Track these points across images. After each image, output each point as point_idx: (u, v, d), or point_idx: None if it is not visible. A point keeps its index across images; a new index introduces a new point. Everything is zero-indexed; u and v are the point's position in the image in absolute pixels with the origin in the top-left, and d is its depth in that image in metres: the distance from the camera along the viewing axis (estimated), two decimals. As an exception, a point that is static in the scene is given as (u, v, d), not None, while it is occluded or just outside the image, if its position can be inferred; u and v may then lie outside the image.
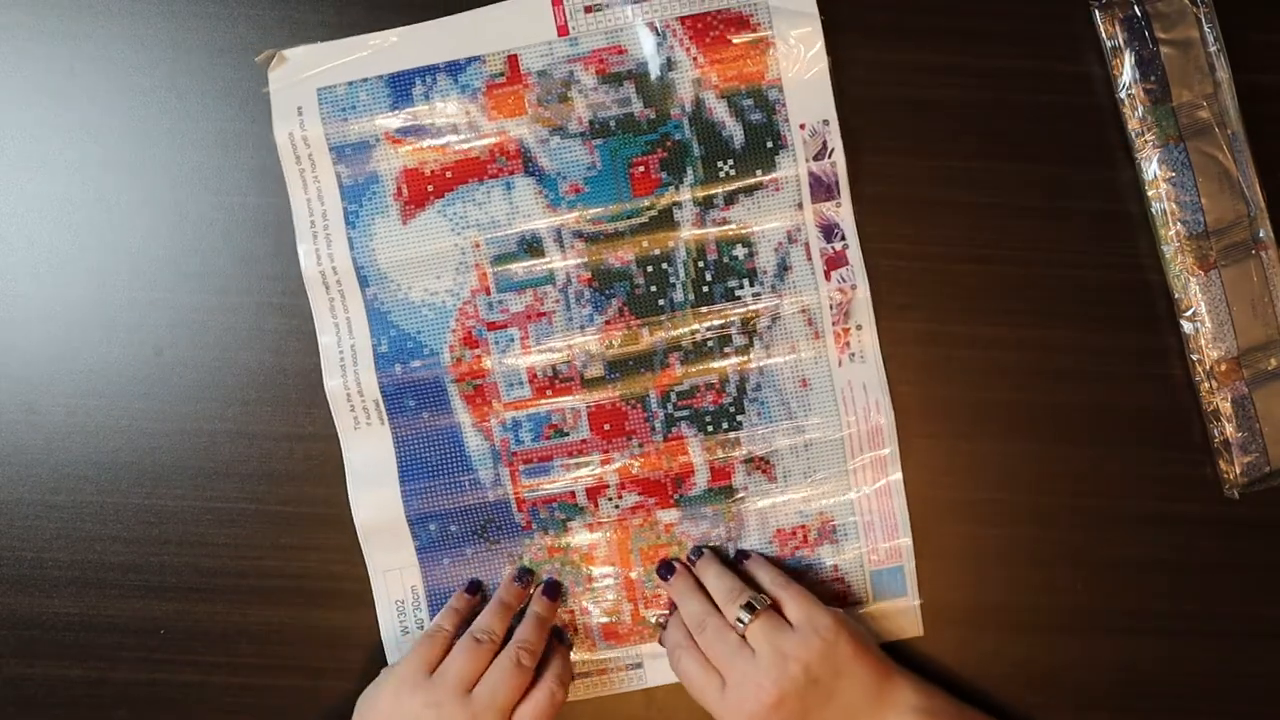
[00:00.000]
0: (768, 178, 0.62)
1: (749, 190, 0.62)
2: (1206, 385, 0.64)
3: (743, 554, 0.63)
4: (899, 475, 0.63)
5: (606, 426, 0.63)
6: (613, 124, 0.62)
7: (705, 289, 0.63)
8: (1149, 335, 0.65)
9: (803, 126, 0.62)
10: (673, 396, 0.63)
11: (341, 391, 0.63)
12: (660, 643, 0.63)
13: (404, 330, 0.63)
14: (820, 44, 0.62)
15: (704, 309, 0.63)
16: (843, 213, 0.63)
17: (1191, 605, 0.65)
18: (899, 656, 0.62)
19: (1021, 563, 0.65)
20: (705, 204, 0.62)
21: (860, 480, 0.63)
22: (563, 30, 0.62)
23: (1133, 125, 0.63)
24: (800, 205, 0.62)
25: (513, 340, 0.63)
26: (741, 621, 0.58)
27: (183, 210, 0.63)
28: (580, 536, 0.64)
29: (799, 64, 0.62)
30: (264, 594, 0.64)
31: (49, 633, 0.64)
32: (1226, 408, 0.63)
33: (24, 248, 0.64)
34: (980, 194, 0.64)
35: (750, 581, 0.61)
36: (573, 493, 0.63)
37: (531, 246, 0.63)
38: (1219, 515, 0.65)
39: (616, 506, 0.63)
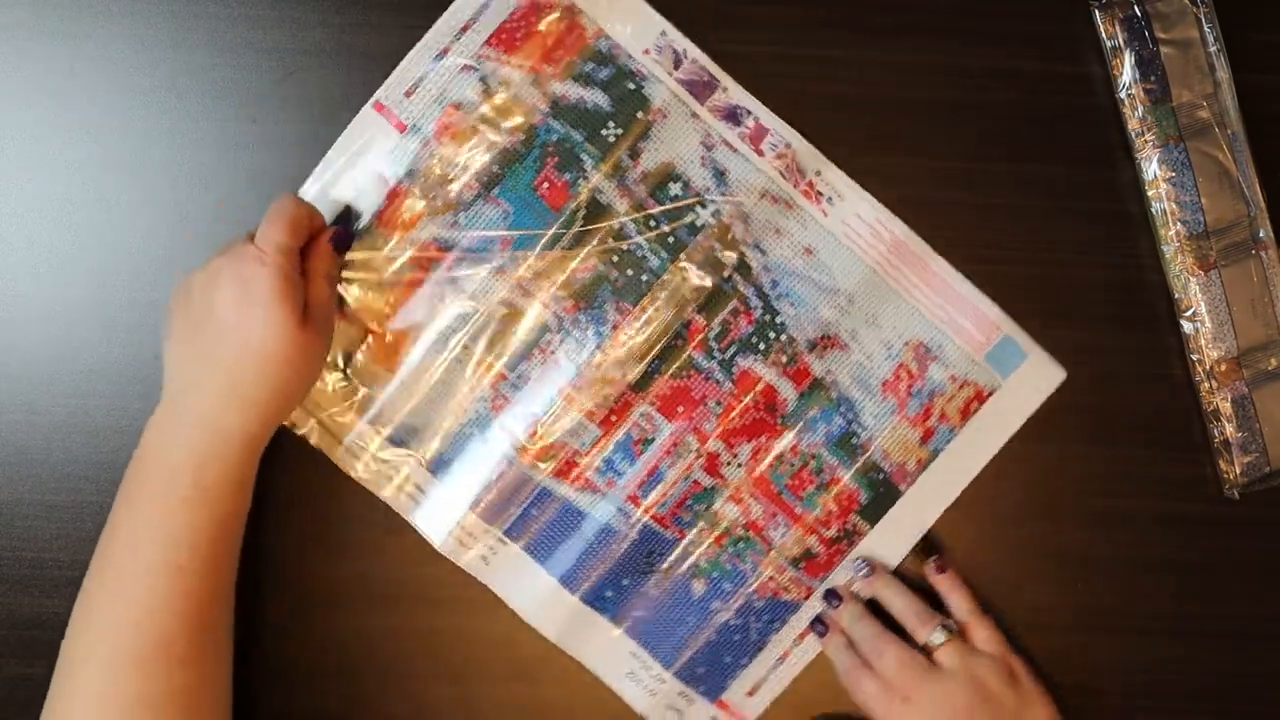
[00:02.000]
0: (650, 113, 0.62)
1: (643, 134, 0.62)
2: (1206, 385, 0.64)
3: (939, 565, 0.63)
4: (941, 260, 0.63)
5: (680, 409, 0.63)
6: (496, 168, 0.62)
7: (671, 239, 0.62)
8: (1149, 335, 0.65)
9: (646, 51, 0.62)
10: (712, 343, 0.63)
11: (456, 546, 0.63)
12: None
13: (464, 461, 0.63)
14: None
15: (682, 256, 0.62)
16: (733, 92, 0.62)
17: (1191, 605, 0.65)
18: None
19: (1022, 562, 0.64)
20: (617, 173, 0.62)
21: (914, 290, 0.63)
22: (400, 126, 0.62)
23: (1133, 125, 0.63)
24: (694, 114, 0.62)
25: (553, 401, 0.63)
26: (936, 642, 0.60)
27: (183, 210, 0.63)
28: (729, 511, 0.64)
29: (613, 12, 0.62)
30: (264, 594, 0.64)
31: (49, 633, 0.64)
32: (1226, 408, 0.63)
33: (24, 248, 0.64)
34: (980, 194, 0.64)
35: (933, 601, 0.62)
36: (695, 481, 0.63)
37: (507, 313, 0.63)
38: (1219, 515, 0.65)
39: (739, 465, 0.63)
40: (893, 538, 0.64)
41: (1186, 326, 0.64)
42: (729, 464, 0.63)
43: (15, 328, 0.64)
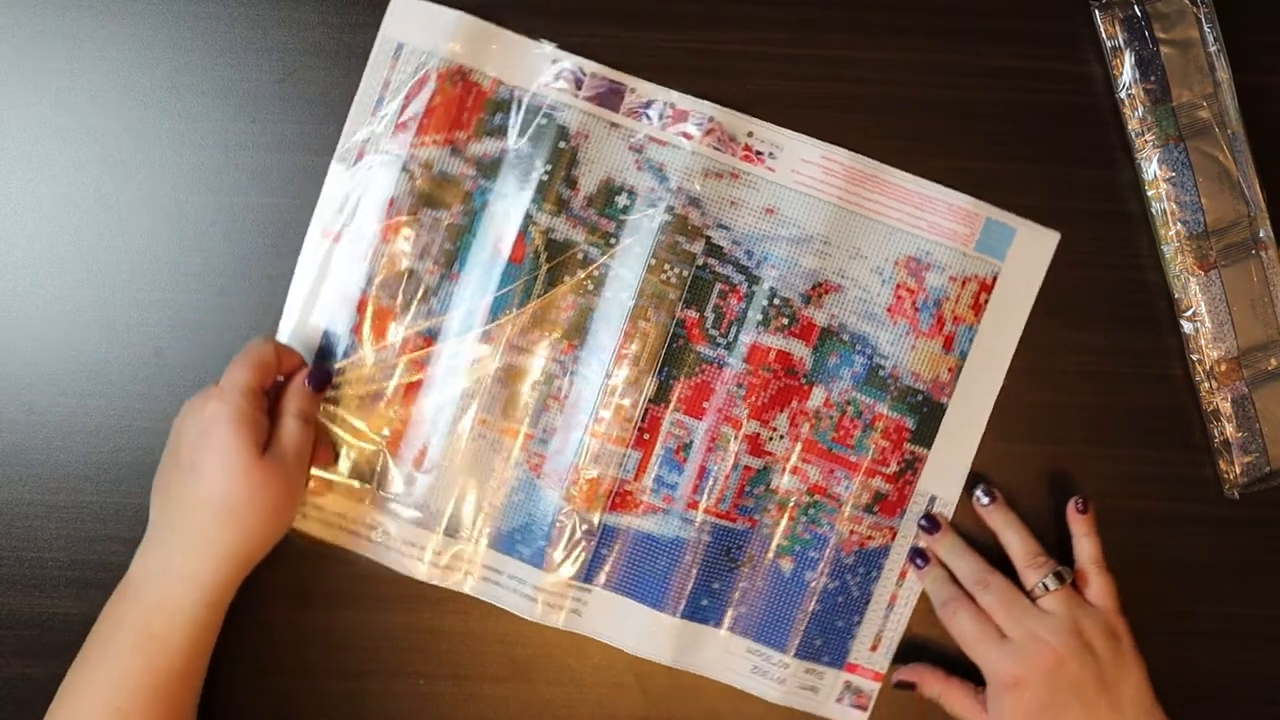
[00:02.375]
0: (572, 139, 0.62)
1: (572, 161, 0.62)
2: (1206, 385, 0.64)
3: (1081, 505, 0.62)
4: (897, 171, 0.63)
5: (705, 404, 0.63)
6: (449, 245, 0.62)
7: (636, 249, 0.62)
8: (1149, 335, 0.65)
9: (546, 83, 0.62)
10: (711, 331, 0.63)
11: (546, 610, 0.63)
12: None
13: (524, 529, 0.63)
14: (464, 23, 0.61)
15: (653, 260, 0.62)
16: (641, 91, 0.62)
17: (1191, 605, 0.65)
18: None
19: (1021, 563, 0.65)
20: (562, 207, 0.62)
21: (884, 209, 0.63)
22: (342, 239, 0.62)
23: (1133, 125, 0.63)
24: (612, 124, 0.62)
25: (582, 442, 0.63)
26: (1044, 587, 0.59)
27: (183, 210, 0.63)
28: (788, 483, 0.64)
29: (500, 58, 0.62)
30: (263, 594, 0.64)
31: (49, 633, 0.64)
32: (1226, 408, 0.63)
33: (24, 247, 0.64)
34: (981, 194, 0.64)
35: (1046, 541, 0.61)
36: (746, 467, 0.63)
37: (510, 375, 0.63)
38: (1219, 515, 0.65)
39: (781, 436, 0.63)
40: (952, 452, 0.64)
41: (1186, 326, 0.64)
42: (771, 439, 0.63)
43: (15, 328, 0.64)
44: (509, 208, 0.62)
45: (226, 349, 0.63)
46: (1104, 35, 0.63)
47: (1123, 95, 0.63)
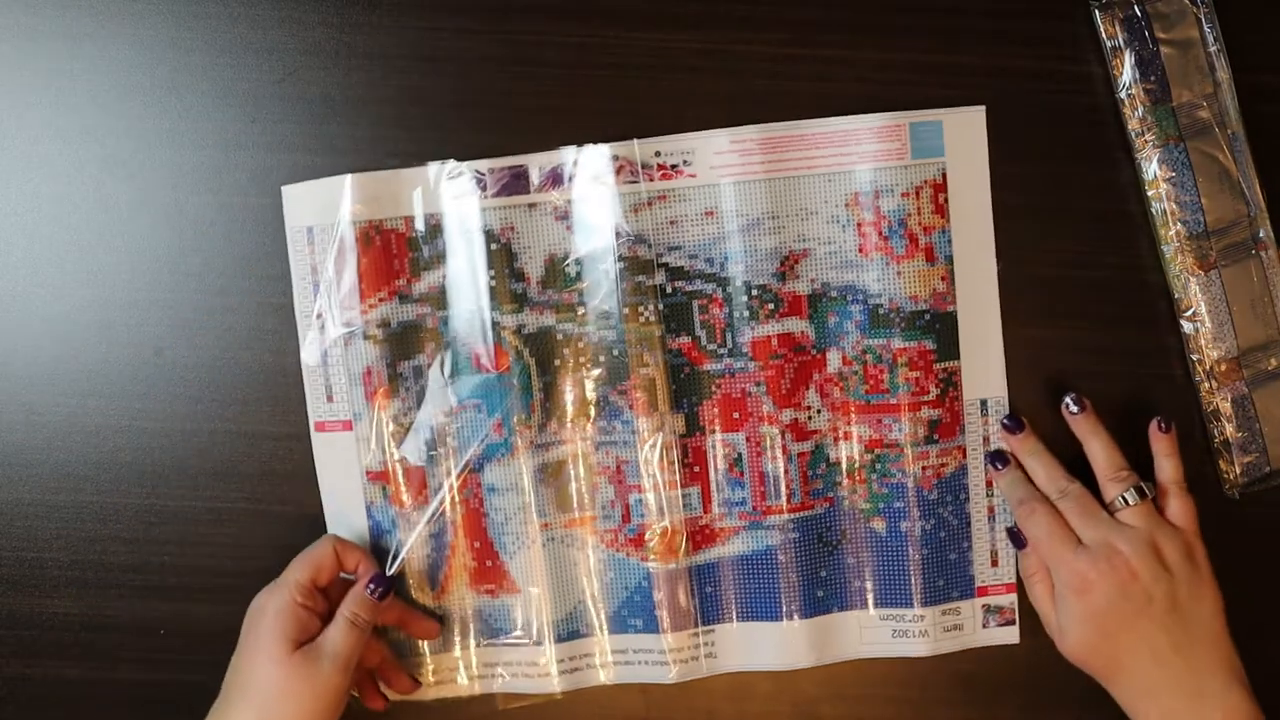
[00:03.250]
0: (501, 235, 0.62)
1: (509, 256, 0.63)
2: (1206, 385, 0.64)
3: (1163, 425, 0.61)
4: (806, 121, 0.62)
5: (735, 415, 0.63)
6: (436, 386, 0.63)
7: (605, 307, 0.63)
8: (1149, 335, 0.65)
9: (454, 200, 0.62)
10: (709, 347, 0.63)
11: (684, 669, 0.64)
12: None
13: (628, 603, 0.64)
14: (354, 182, 0.62)
15: (625, 309, 0.63)
16: (538, 163, 0.62)
17: (1191, 605, 0.65)
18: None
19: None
20: (521, 301, 0.63)
21: (811, 161, 0.62)
22: (347, 425, 0.63)
23: (1133, 125, 0.63)
24: (530, 205, 0.62)
25: (641, 501, 0.63)
26: (1124, 500, 0.59)
27: (183, 210, 0.64)
28: (845, 450, 0.64)
29: (402, 197, 0.62)
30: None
31: (49, 633, 0.64)
32: (1226, 408, 0.63)
33: (24, 247, 0.64)
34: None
35: (1132, 456, 0.61)
36: (799, 454, 0.63)
37: (549, 473, 0.63)
38: (1219, 515, 0.65)
39: (818, 411, 0.64)
40: (981, 352, 0.64)
41: (1186, 326, 0.64)
42: (811, 418, 0.64)
43: (15, 328, 0.64)
44: (473, 324, 0.63)
45: (226, 349, 0.64)
46: (1104, 35, 0.63)
47: (1123, 95, 0.63)
